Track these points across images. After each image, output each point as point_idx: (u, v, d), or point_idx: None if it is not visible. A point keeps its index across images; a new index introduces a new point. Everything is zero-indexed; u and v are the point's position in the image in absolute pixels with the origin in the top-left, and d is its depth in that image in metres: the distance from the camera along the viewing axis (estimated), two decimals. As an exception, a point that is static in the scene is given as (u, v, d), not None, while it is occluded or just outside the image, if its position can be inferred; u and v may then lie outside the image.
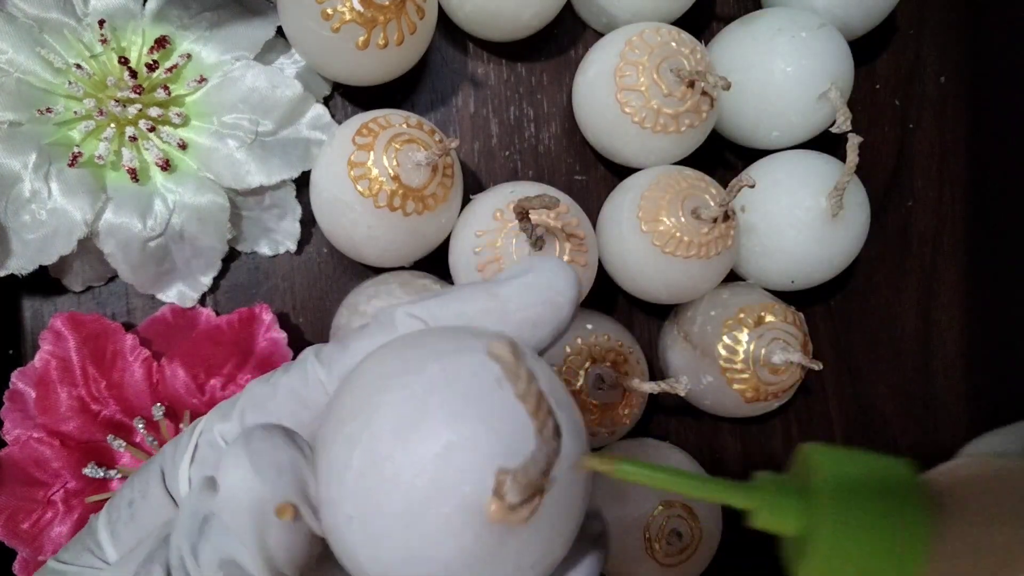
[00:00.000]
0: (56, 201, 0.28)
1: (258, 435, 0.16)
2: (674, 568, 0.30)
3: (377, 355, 0.16)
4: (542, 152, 0.35)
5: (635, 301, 0.34)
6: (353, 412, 0.15)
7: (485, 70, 0.35)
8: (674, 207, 0.30)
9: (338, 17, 0.27)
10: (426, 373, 0.15)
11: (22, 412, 0.30)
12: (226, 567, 0.15)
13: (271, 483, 0.15)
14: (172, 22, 0.30)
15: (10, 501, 0.29)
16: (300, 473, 0.15)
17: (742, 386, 0.31)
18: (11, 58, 0.29)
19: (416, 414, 0.15)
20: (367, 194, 0.27)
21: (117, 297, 0.32)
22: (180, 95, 0.31)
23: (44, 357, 0.29)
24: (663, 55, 0.30)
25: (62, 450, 0.29)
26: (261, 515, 0.15)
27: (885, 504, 0.13)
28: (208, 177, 0.30)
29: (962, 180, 0.40)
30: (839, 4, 0.33)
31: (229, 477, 0.15)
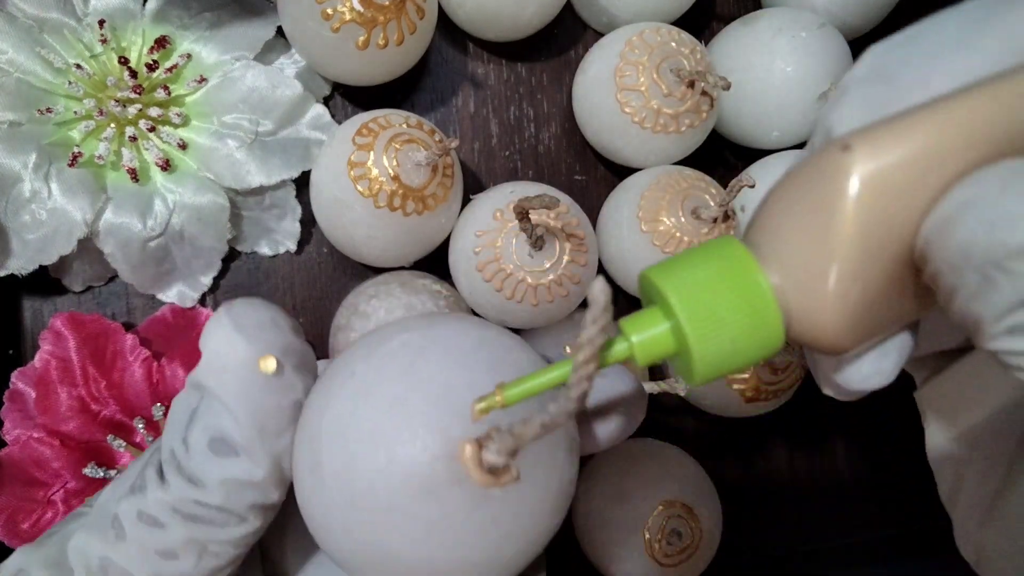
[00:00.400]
0: (56, 201, 0.28)
1: (239, 301, 0.16)
2: (674, 568, 0.30)
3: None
4: (542, 152, 0.35)
5: (635, 301, 0.34)
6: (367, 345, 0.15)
7: (485, 70, 0.35)
8: (674, 207, 0.30)
9: (338, 17, 0.27)
10: (445, 325, 0.15)
11: (22, 412, 0.30)
12: (215, 445, 0.15)
13: (252, 339, 0.15)
14: (172, 22, 0.30)
15: (10, 501, 0.29)
16: (282, 329, 0.16)
17: (742, 386, 0.31)
18: (11, 58, 0.29)
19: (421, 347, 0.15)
20: (367, 194, 0.27)
21: (117, 297, 0.32)
22: (180, 95, 0.31)
23: (44, 357, 0.29)
24: (663, 55, 0.30)
25: (62, 450, 0.29)
26: (246, 373, 0.15)
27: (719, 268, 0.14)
28: (208, 177, 0.30)
29: (962, 180, 0.40)
30: (839, 4, 0.33)
31: (211, 339, 0.15)
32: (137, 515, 0.16)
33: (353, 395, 0.15)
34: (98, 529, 0.16)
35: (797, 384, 0.32)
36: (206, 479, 0.15)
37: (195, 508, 0.15)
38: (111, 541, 0.16)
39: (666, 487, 0.31)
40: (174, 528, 0.15)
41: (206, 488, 0.15)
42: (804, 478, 0.38)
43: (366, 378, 0.15)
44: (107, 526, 0.16)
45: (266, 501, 0.16)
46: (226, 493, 0.15)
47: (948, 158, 0.12)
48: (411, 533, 0.14)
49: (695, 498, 0.31)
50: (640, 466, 0.32)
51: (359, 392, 0.14)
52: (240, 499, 0.15)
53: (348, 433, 0.14)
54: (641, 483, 0.31)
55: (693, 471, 0.33)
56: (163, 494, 0.15)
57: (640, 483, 0.31)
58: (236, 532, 0.16)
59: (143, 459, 0.17)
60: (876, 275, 0.13)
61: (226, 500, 0.15)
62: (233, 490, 0.15)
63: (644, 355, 0.14)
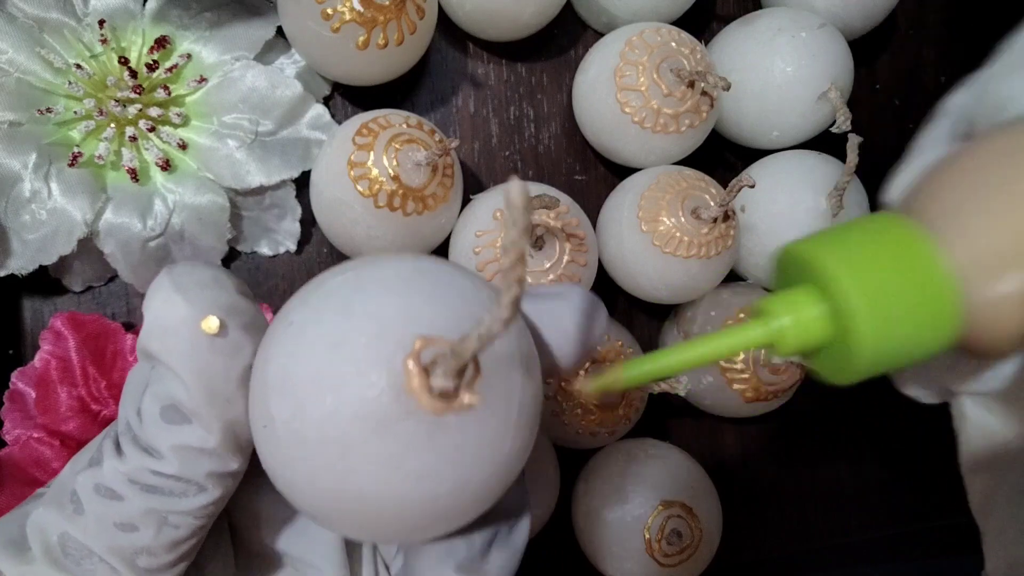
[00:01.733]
0: (56, 201, 0.28)
1: (180, 264, 0.16)
2: (674, 568, 0.30)
3: None
4: (542, 152, 0.35)
5: (635, 301, 0.34)
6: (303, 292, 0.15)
7: (485, 70, 0.35)
8: (674, 207, 0.30)
9: (338, 17, 0.27)
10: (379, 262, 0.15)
11: (22, 412, 0.30)
12: (167, 413, 0.15)
13: (193, 299, 0.15)
14: (172, 22, 0.30)
15: (10, 501, 0.29)
16: (225, 287, 0.15)
17: (742, 386, 0.31)
18: (11, 58, 0.29)
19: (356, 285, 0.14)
20: (367, 194, 0.27)
21: (117, 297, 0.32)
22: (180, 95, 0.31)
23: (44, 357, 0.29)
24: (663, 55, 0.30)
25: (62, 450, 0.29)
26: (190, 335, 0.15)
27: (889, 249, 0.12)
28: (208, 177, 0.30)
29: (962, 180, 0.40)
30: (839, 4, 0.33)
31: (152, 303, 0.15)
32: (94, 488, 0.15)
33: (293, 343, 0.14)
34: (56, 504, 0.16)
35: (797, 384, 0.32)
36: (160, 447, 0.15)
37: (152, 478, 0.15)
38: (69, 515, 0.15)
39: (666, 487, 0.31)
40: (132, 499, 0.15)
41: (161, 457, 0.15)
42: (804, 478, 0.38)
43: (304, 324, 0.14)
44: (65, 501, 0.16)
45: (224, 469, 0.15)
46: (181, 461, 0.15)
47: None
48: (372, 472, 0.13)
49: (695, 498, 0.31)
50: (640, 466, 0.32)
51: (298, 339, 0.14)
52: (196, 467, 0.15)
53: (293, 381, 0.14)
54: (641, 483, 0.31)
55: (693, 471, 0.33)
56: (120, 465, 0.15)
57: (640, 483, 0.31)
58: (195, 502, 0.15)
59: (102, 434, 0.16)
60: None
61: (182, 468, 0.15)
62: (188, 458, 0.15)
63: (794, 341, 0.12)
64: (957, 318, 0.12)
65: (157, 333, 0.15)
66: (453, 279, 0.15)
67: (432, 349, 0.13)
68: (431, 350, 0.13)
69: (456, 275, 0.15)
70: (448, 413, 0.13)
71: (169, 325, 0.15)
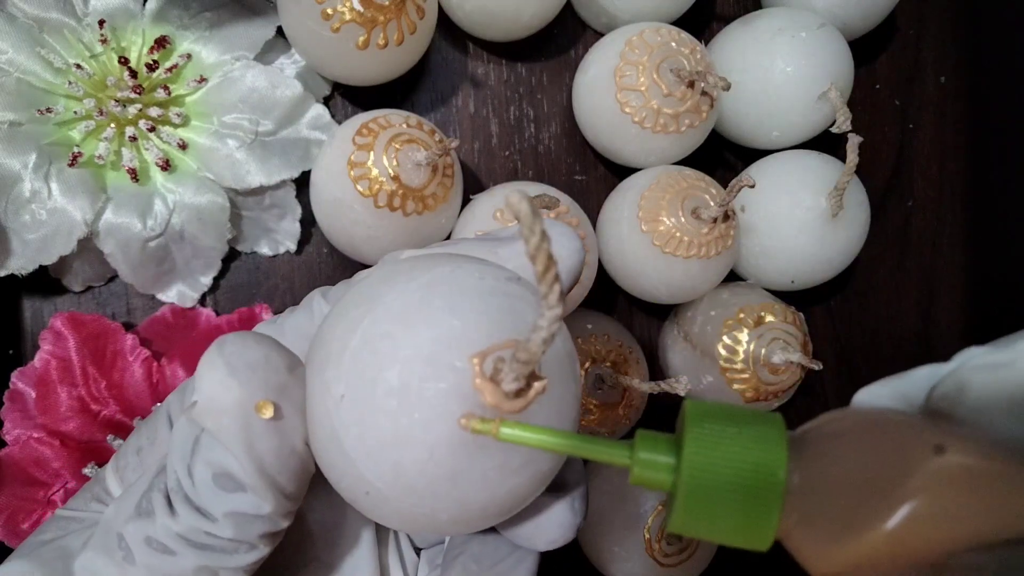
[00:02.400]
0: (56, 201, 0.28)
1: (231, 340, 0.16)
2: (674, 568, 0.30)
3: (386, 265, 0.17)
4: (542, 152, 0.35)
5: (635, 301, 0.34)
6: (356, 302, 0.15)
7: (485, 70, 0.35)
8: (674, 207, 0.30)
9: (338, 17, 0.27)
10: (433, 272, 0.15)
11: (22, 412, 0.30)
12: (220, 480, 0.15)
13: (246, 381, 0.15)
14: (172, 22, 0.30)
15: (10, 501, 0.29)
16: (276, 369, 0.15)
17: (742, 386, 0.31)
18: (11, 58, 0.29)
19: (419, 301, 0.15)
20: (367, 194, 0.27)
21: (117, 297, 0.32)
22: (180, 95, 0.31)
23: (44, 357, 0.29)
24: (663, 55, 0.30)
25: (62, 450, 0.29)
26: (243, 416, 0.15)
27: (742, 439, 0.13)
28: (208, 177, 0.30)
29: (962, 180, 0.40)
30: (839, 4, 0.33)
31: (205, 382, 0.15)
32: (146, 540, 0.16)
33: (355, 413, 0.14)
34: (104, 550, 0.16)
35: (797, 384, 0.32)
36: (214, 512, 0.15)
37: (205, 538, 0.15)
38: (119, 563, 0.16)
39: (666, 487, 0.31)
40: (185, 555, 0.15)
41: (215, 521, 0.15)
42: (804, 478, 0.38)
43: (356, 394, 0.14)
44: (114, 547, 0.16)
45: (275, 529, 0.16)
46: (235, 526, 0.15)
47: None
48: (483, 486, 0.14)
49: (695, 498, 0.31)
50: (640, 466, 0.32)
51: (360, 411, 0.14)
52: (249, 530, 0.15)
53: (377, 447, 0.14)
54: (641, 483, 0.31)
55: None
56: (172, 524, 0.15)
57: (640, 483, 0.31)
58: (247, 559, 0.16)
59: (147, 479, 0.16)
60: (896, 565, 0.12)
61: (236, 532, 0.15)
62: (242, 523, 0.15)
63: (638, 476, 0.14)
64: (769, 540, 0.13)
65: (212, 413, 0.15)
66: (458, 280, 0.15)
67: (490, 359, 0.14)
68: (489, 361, 0.14)
69: (458, 273, 0.15)
70: (531, 405, 0.13)
71: (223, 408, 0.15)
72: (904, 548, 0.12)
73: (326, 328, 0.16)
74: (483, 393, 0.13)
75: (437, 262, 0.16)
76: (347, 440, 0.14)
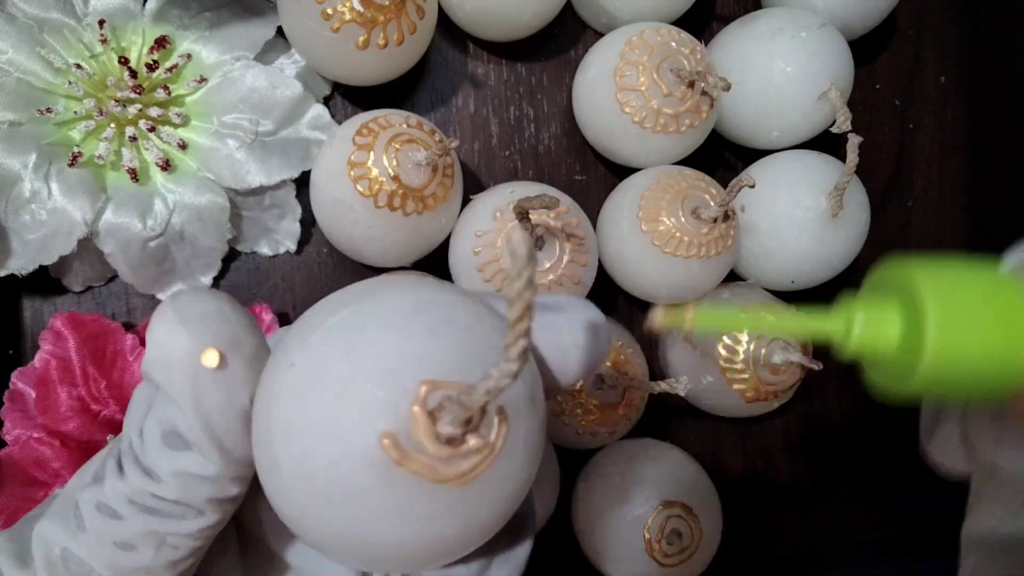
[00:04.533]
0: (56, 201, 0.28)
1: (185, 292, 0.15)
2: (674, 568, 0.30)
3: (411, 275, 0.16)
4: (542, 152, 0.35)
5: (635, 301, 0.34)
6: (352, 292, 0.15)
7: (485, 70, 0.35)
8: (674, 207, 0.30)
9: (338, 17, 0.27)
10: (437, 295, 0.15)
11: (22, 412, 0.30)
12: (168, 438, 0.15)
13: (195, 331, 0.15)
14: (172, 22, 0.30)
15: (10, 501, 0.29)
16: (228, 320, 0.15)
17: (742, 386, 0.31)
18: (11, 58, 0.29)
19: (406, 312, 0.14)
20: (367, 194, 0.27)
21: (117, 297, 0.32)
22: (180, 95, 0.31)
23: (44, 357, 0.29)
24: (663, 55, 0.30)
25: (62, 450, 0.29)
26: (191, 368, 0.15)
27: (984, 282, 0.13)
28: (208, 177, 0.30)
29: (962, 180, 0.40)
30: (839, 4, 0.33)
31: (155, 332, 0.15)
32: (96, 506, 0.15)
33: (295, 388, 0.14)
34: (60, 518, 0.16)
35: (797, 384, 0.32)
36: (160, 472, 0.15)
37: (151, 501, 0.15)
38: (72, 531, 0.16)
39: (666, 487, 0.31)
40: (132, 520, 0.15)
41: (160, 481, 0.15)
42: (804, 478, 0.38)
43: (306, 368, 0.14)
44: (69, 515, 0.16)
45: (223, 495, 0.15)
46: (180, 486, 0.15)
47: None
48: (379, 518, 0.14)
49: (695, 498, 0.31)
50: (640, 466, 0.32)
51: (300, 384, 0.14)
52: (195, 492, 0.15)
53: (298, 428, 0.14)
54: (641, 483, 0.31)
55: (693, 471, 0.33)
56: (121, 485, 0.15)
57: (640, 483, 0.31)
58: (194, 525, 0.15)
59: (107, 448, 0.16)
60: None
61: (181, 493, 0.15)
62: (187, 483, 0.15)
63: (864, 341, 0.13)
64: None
65: (160, 364, 0.15)
66: (457, 311, 0.15)
67: (439, 393, 0.13)
68: (437, 394, 0.13)
69: (460, 306, 0.15)
70: (455, 459, 0.13)
71: (171, 356, 0.15)
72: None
73: (311, 309, 0.15)
74: (415, 423, 0.13)
75: (448, 289, 0.15)
76: (276, 408, 0.14)
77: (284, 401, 0.14)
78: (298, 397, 0.14)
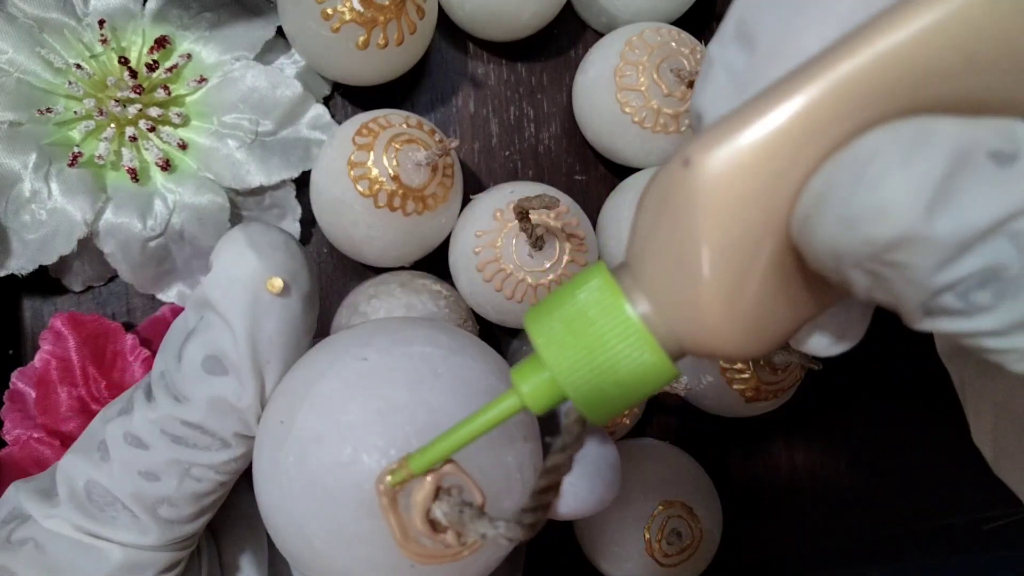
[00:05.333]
0: (56, 201, 0.28)
1: (256, 223, 0.16)
2: (674, 568, 0.30)
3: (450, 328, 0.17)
4: (542, 152, 0.35)
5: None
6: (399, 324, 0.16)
7: (485, 70, 0.35)
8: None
9: (338, 17, 0.27)
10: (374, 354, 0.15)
11: (22, 412, 0.30)
12: (208, 363, 0.15)
13: (266, 256, 0.15)
14: (172, 22, 0.30)
15: (10, 501, 0.29)
16: (294, 255, 0.16)
17: (742, 386, 0.31)
18: (11, 58, 0.29)
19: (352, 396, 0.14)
20: (367, 194, 0.27)
21: (117, 297, 0.32)
22: (180, 95, 0.31)
23: (44, 357, 0.29)
24: (663, 55, 0.30)
25: (62, 450, 0.29)
26: (254, 290, 0.15)
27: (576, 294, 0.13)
28: (208, 177, 0.30)
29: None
30: (839, 4, 0.33)
31: (223, 254, 0.15)
32: (123, 436, 0.16)
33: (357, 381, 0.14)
34: (84, 452, 0.16)
35: (797, 384, 0.32)
36: (193, 395, 0.15)
37: (179, 428, 0.15)
38: (96, 463, 0.16)
39: (666, 487, 0.31)
40: (158, 448, 0.15)
41: (191, 403, 0.15)
42: (804, 478, 0.38)
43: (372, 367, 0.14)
44: (93, 449, 0.16)
45: (249, 432, 0.16)
46: (210, 411, 0.15)
47: (807, 145, 0.11)
48: (340, 539, 0.14)
49: (695, 498, 0.31)
50: (640, 466, 0.32)
51: (362, 380, 0.14)
52: (224, 422, 0.15)
53: (331, 420, 0.14)
54: (641, 483, 0.31)
55: (693, 471, 0.33)
56: (149, 412, 0.15)
57: (640, 483, 0.31)
58: (218, 457, 0.16)
59: (134, 387, 0.17)
60: (759, 282, 0.11)
61: (209, 419, 0.15)
62: (219, 411, 0.15)
63: (536, 405, 0.13)
64: (662, 356, 0.12)
65: (223, 283, 0.15)
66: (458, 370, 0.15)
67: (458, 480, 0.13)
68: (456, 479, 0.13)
69: (462, 362, 0.15)
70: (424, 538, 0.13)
71: (237, 277, 0.15)
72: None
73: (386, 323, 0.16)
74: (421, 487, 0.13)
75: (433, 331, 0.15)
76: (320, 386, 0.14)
77: (338, 385, 0.14)
78: (352, 393, 0.14)
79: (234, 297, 0.15)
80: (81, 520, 0.15)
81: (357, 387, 0.14)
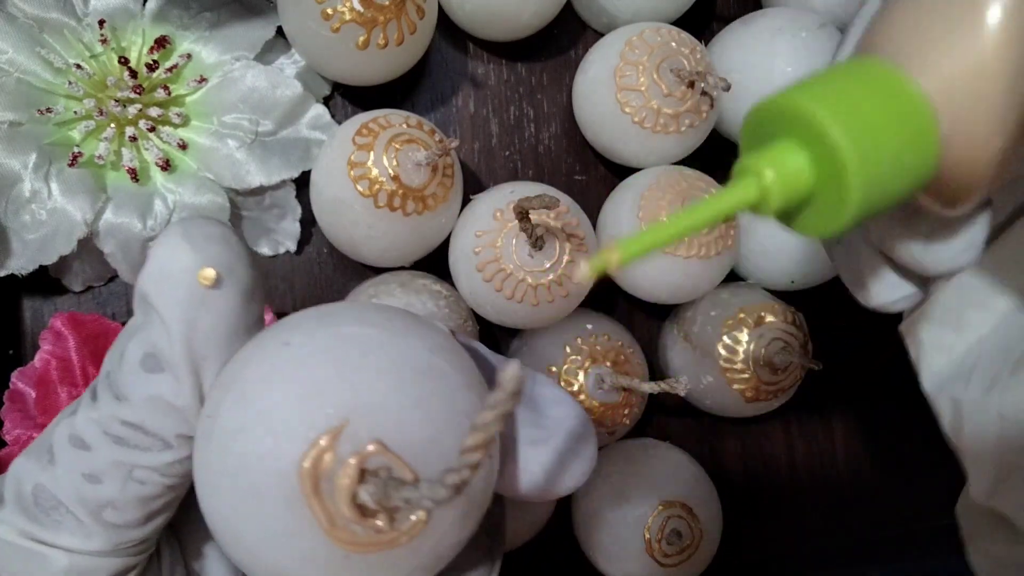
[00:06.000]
0: (56, 201, 0.28)
1: (193, 218, 0.15)
2: (674, 568, 0.30)
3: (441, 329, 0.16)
4: (542, 152, 0.35)
5: (635, 301, 0.34)
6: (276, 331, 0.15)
7: (485, 70, 0.35)
8: (674, 207, 0.30)
9: (338, 17, 0.27)
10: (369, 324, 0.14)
11: (22, 412, 0.30)
12: (147, 361, 0.15)
13: (200, 249, 0.15)
14: (172, 22, 0.30)
15: (10, 501, 0.29)
16: (231, 248, 0.15)
17: (742, 386, 0.31)
18: (11, 58, 0.29)
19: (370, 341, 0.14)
20: (367, 194, 0.27)
21: (117, 297, 0.32)
22: (180, 95, 0.31)
23: (44, 357, 0.29)
24: (663, 55, 0.30)
25: (62, 450, 0.29)
26: (188, 284, 0.14)
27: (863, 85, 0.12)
28: (208, 177, 0.30)
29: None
30: (839, 4, 0.33)
31: (158, 248, 0.15)
32: (68, 438, 0.15)
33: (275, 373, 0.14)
34: (35, 455, 0.16)
35: (797, 384, 0.32)
36: (132, 394, 0.15)
37: (120, 429, 0.15)
38: (44, 466, 0.15)
39: (666, 487, 0.31)
40: (99, 450, 0.15)
41: (130, 402, 0.15)
42: (804, 478, 0.38)
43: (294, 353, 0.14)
44: (43, 451, 0.16)
45: (190, 431, 0.15)
46: (150, 412, 0.15)
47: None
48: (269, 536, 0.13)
49: (695, 498, 0.31)
50: (640, 466, 0.32)
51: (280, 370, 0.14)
52: (164, 422, 0.15)
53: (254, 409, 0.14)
54: (641, 483, 0.31)
55: (693, 471, 0.33)
56: (91, 412, 0.15)
57: (640, 483, 0.31)
58: (161, 458, 0.15)
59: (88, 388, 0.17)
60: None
61: (150, 420, 0.15)
62: (157, 410, 0.15)
63: (782, 194, 0.12)
64: (936, 141, 0.12)
65: (155, 276, 0.15)
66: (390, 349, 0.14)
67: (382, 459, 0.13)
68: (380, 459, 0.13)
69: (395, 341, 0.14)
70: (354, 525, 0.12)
71: (169, 270, 0.15)
72: None
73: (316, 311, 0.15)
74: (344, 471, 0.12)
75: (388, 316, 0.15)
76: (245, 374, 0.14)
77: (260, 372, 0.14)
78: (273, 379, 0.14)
79: (167, 291, 0.14)
80: (26, 525, 0.15)
81: (278, 373, 0.14)
